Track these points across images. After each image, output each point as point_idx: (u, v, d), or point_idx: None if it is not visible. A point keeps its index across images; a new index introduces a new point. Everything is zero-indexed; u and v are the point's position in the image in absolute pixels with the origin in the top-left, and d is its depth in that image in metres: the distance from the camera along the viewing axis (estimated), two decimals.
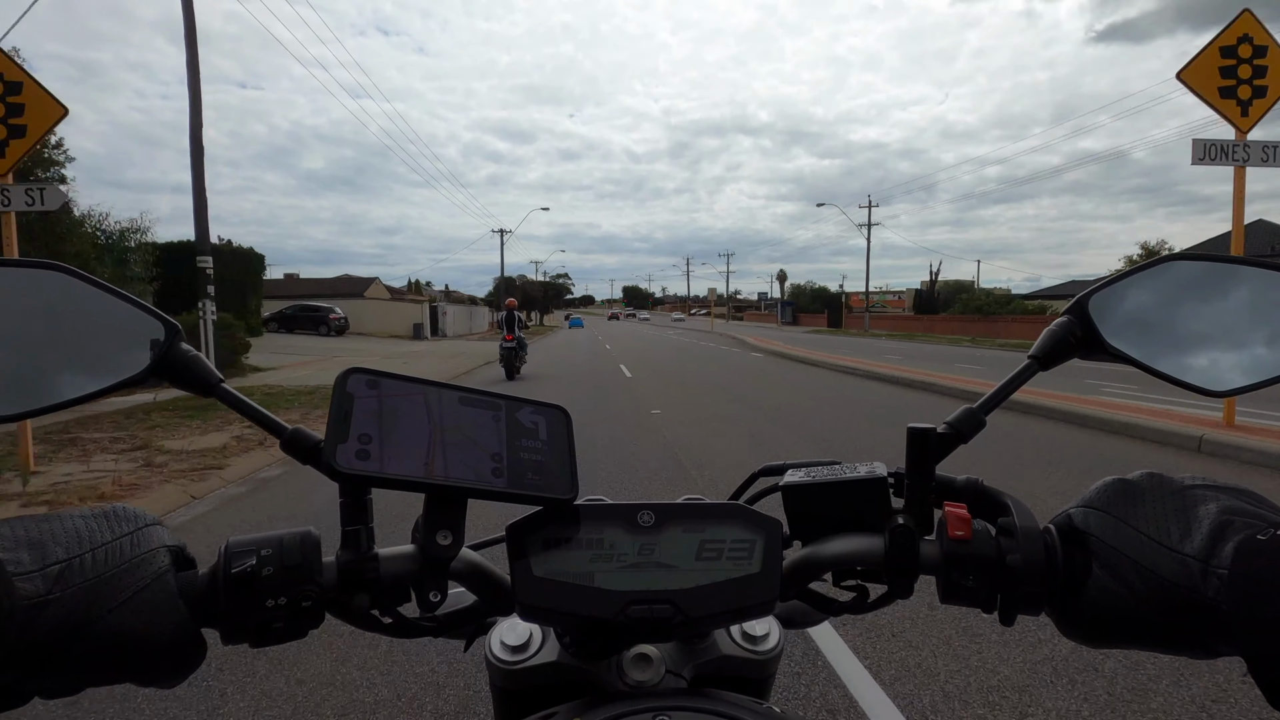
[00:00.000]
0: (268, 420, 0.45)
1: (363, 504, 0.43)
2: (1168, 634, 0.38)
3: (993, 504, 0.45)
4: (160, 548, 0.38)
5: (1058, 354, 0.48)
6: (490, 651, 0.52)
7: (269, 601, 0.39)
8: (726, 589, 0.44)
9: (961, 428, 0.46)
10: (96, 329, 0.43)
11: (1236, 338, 0.45)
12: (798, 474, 0.49)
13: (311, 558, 0.40)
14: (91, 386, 0.41)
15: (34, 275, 0.41)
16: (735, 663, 0.52)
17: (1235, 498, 0.38)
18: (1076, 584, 0.40)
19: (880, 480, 0.46)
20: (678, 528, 0.45)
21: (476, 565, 0.47)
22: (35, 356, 0.41)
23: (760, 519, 0.46)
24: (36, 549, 0.35)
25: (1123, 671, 2.37)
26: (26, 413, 0.40)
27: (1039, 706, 2.18)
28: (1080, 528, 0.41)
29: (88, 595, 0.35)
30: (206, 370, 0.44)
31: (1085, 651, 2.42)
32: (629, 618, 0.42)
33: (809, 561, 0.46)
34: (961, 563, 0.42)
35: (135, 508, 0.40)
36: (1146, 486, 0.41)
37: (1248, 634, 0.33)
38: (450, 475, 0.41)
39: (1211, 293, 0.46)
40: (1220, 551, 0.35)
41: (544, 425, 0.46)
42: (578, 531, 0.44)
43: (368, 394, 0.41)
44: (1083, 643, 0.41)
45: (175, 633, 0.37)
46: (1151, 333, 0.47)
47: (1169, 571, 0.37)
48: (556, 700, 0.47)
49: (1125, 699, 2.21)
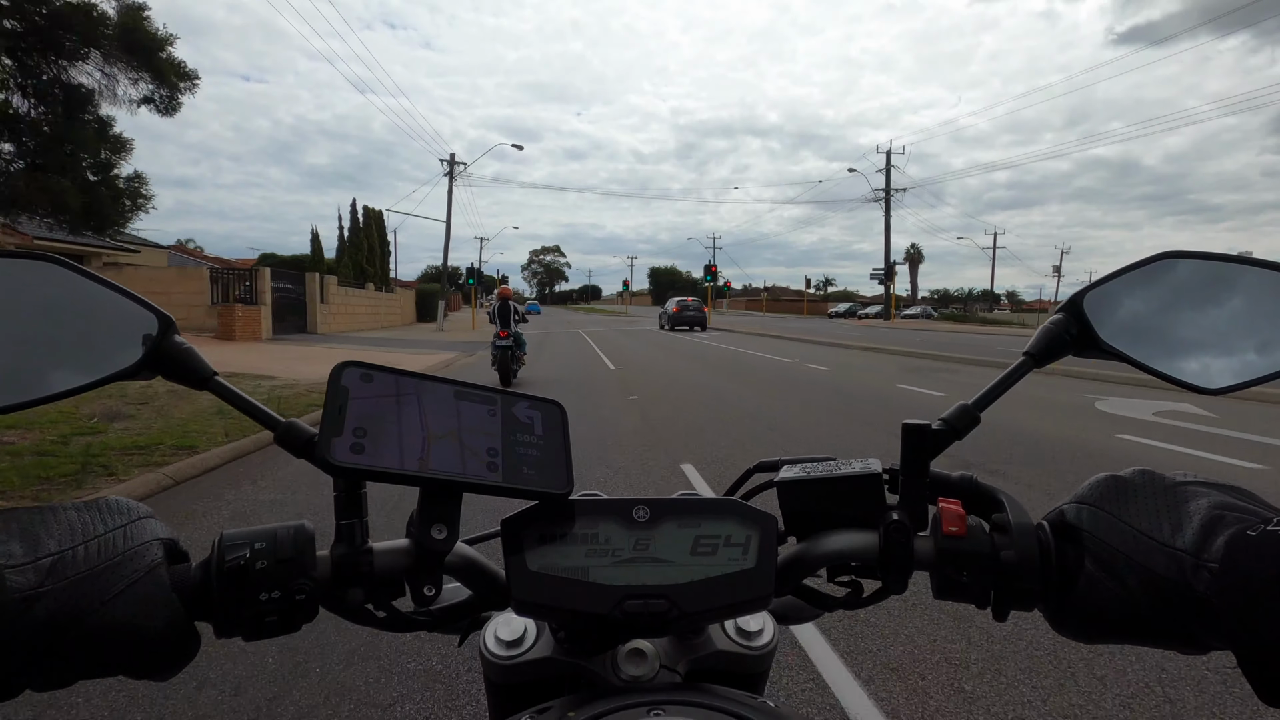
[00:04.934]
0: (261, 413, 0.44)
1: (357, 498, 0.43)
2: (1159, 628, 0.38)
3: (987, 500, 0.45)
4: (153, 540, 0.38)
5: (1052, 351, 0.48)
6: (485, 646, 0.52)
7: (262, 595, 0.39)
8: (721, 584, 0.44)
9: (956, 424, 0.46)
10: (89, 321, 0.42)
11: (1231, 336, 0.45)
12: (793, 470, 0.49)
13: (305, 551, 0.40)
14: (84, 379, 0.41)
15: (26, 267, 0.41)
16: (730, 658, 0.52)
17: (1226, 494, 0.39)
18: (1069, 579, 0.40)
19: (875, 476, 0.46)
20: (673, 523, 0.45)
21: (471, 560, 0.46)
22: (27, 349, 0.40)
23: (755, 514, 0.46)
24: (29, 541, 0.34)
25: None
26: (17, 405, 0.40)
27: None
28: (1073, 523, 0.41)
29: (80, 588, 0.34)
30: (200, 363, 0.44)
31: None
32: (624, 613, 0.43)
33: (804, 557, 0.46)
34: (956, 558, 0.42)
35: (128, 500, 0.40)
36: (1139, 483, 0.41)
37: (1237, 628, 0.33)
38: (445, 469, 0.41)
39: (1206, 290, 0.46)
40: (1211, 546, 0.36)
41: (539, 420, 0.46)
42: (573, 526, 0.44)
43: (362, 388, 0.41)
44: (1075, 638, 0.41)
45: (168, 626, 0.37)
46: (1146, 330, 0.47)
47: (1161, 566, 0.37)
48: (551, 695, 0.47)
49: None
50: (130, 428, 6.14)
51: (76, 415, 6.45)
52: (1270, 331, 0.45)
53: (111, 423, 6.30)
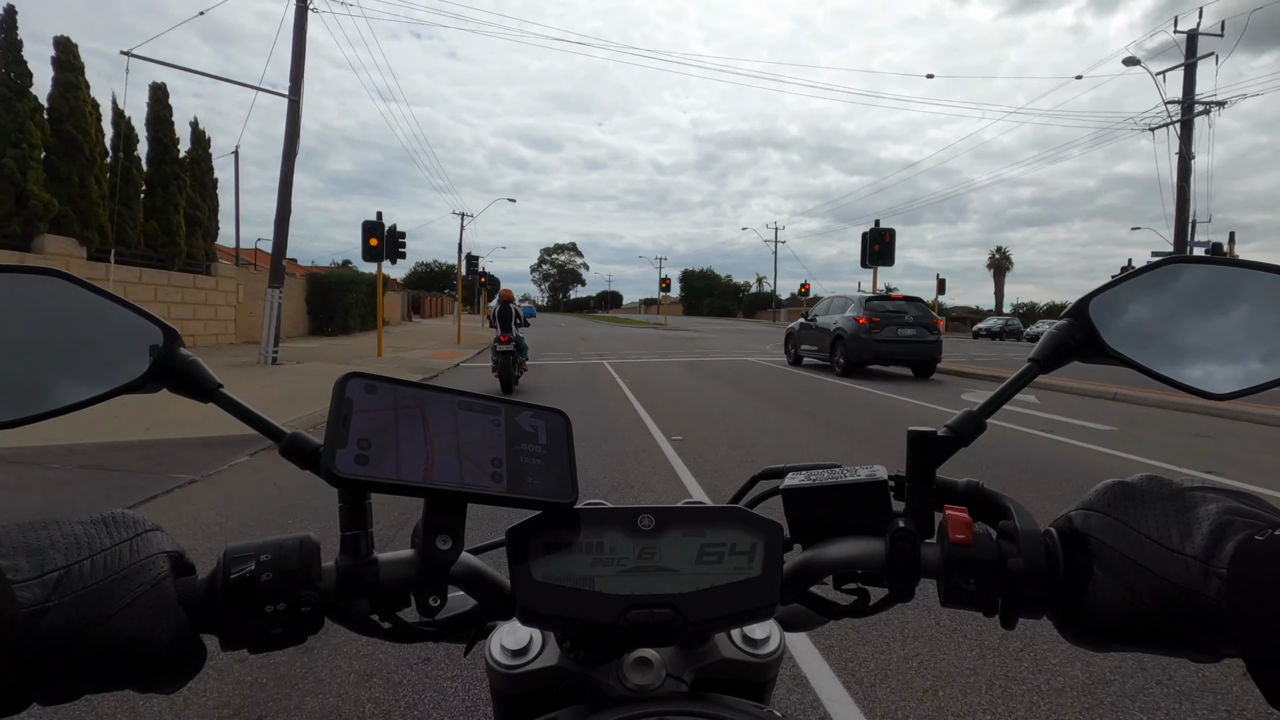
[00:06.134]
0: (266, 425, 0.45)
1: (362, 509, 0.43)
2: (1169, 636, 0.38)
3: (993, 507, 0.45)
4: (159, 553, 0.38)
5: (1058, 357, 0.47)
6: (490, 656, 0.52)
7: (268, 607, 0.39)
8: (727, 593, 0.44)
9: (962, 431, 0.46)
10: (95, 335, 0.43)
11: (1237, 340, 0.45)
12: (798, 477, 0.49)
13: (310, 563, 0.40)
14: (90, 393, 0.41)
15: (32, 281, 0.41)
16: (736, 666, 0.52)
17: (1234, 499, 0.38)
18: (1078, 587, 0.40)
19: (881, 484, 0.46)
20: (678, 531, 0.45)
21: (476, 570, 0.46)
22: (33, 363, 0.41)
23: (761, 522, 0.46)
24: (35, 556, 0.34)
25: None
26: (23, 419, 0.40)
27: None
28: (1081, 530, 0.41)
29: (87, 602, 0.34)
30: (205, 375, 0.44)
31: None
32: (629, 622, 0.42)
33: (810, 565, 0.46)
34: (963, 566, 0.42)
35: (135, 513, 0.40)
36: (1146, 489, 0.41)
37: (1246, 633, 0.33)
38: (450, 480, 0.41)
39: (1212, 295, 0.46)
40: (1220, 552, 0.35)
41: (543, 429, 0.46)
42: (578, 536, 0.44)
43: (367, 399, 0.41)
44: (1084, 646, 0.41)
45: (174, 639, 0.37)
46: (1152, 335, 0.46)
47: (1170, 572, 0.37)
48: (557, 705, 0.47)
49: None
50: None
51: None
52: (1276, 335, 0.44)
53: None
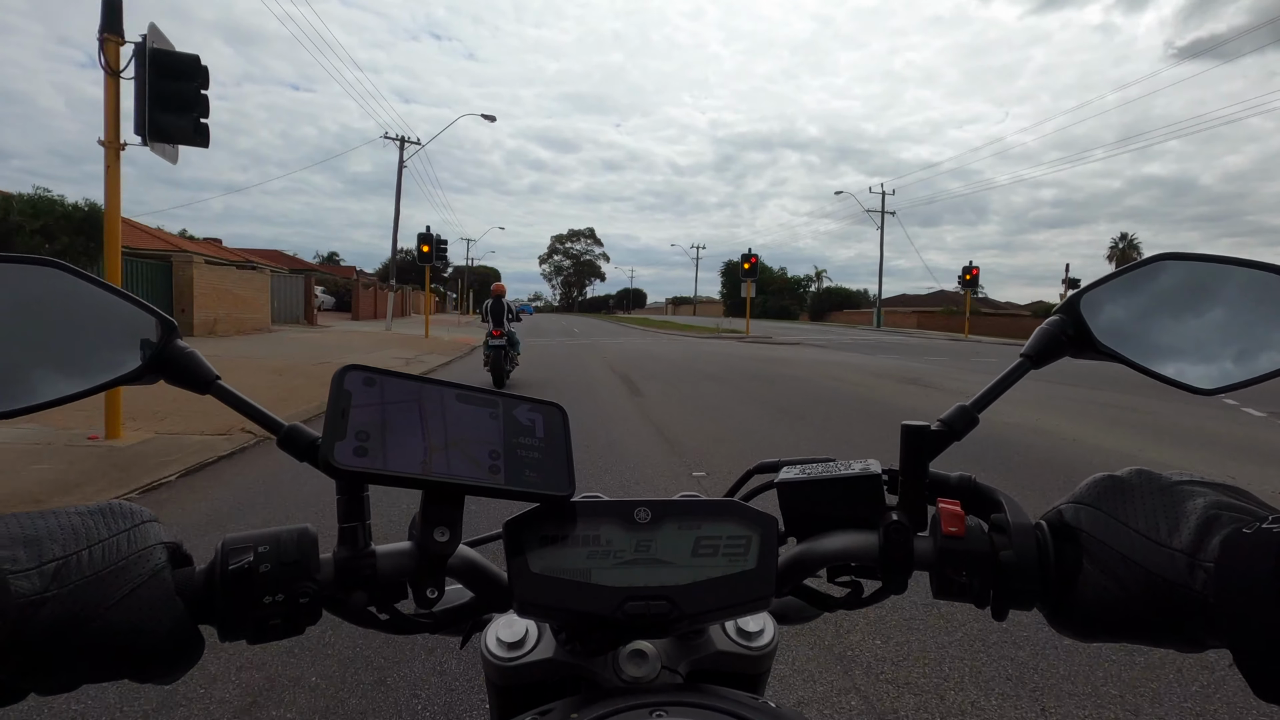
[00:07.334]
0: (264, 417, 0.45)
1: (360, 500, 0.43)
2: (1157, 627, 0.38)
3: (985, 500, 0.46)
4: (157, 544, 0.38)
5: (1049, 352, 0.48)
6: (487, 648, 0.52)
7: (266, 598, 0.39)
8: (722, 585, 0.44)
9: (955, 425, 0.46)
10: (92, 325, 0.42)
11: (1226, 336, 0.46)
12: (792, 471, 0.50)
13: (309, 554, 0.40)
14: (87, 384, 0.41)
15: (30, 271, 0.41)
16: (730, 658, 0.52)
17: (1222, 493, 0.39)
18: (1068, 579, 0.41)
19: (874, 477, 0.47)
20: (674, 524, 0.45)
21: (473, 562, 0.47)
22: (30, 353, 0.41)
23: (756, 515, 0.46)
24: (33, 546, 0.34)
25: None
26: (19, 410, 0.40)
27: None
28: (1071, 524, 0.42)
29: (84, 592, 0.34)
30: (203, 367, 0.44)
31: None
32: (625, 614, 0.43)
33: (804, 558, 0.47)
34: (955, 559, 0.42)
35: (132, 504, 0.40)
36: (1136, 483, 0.41)
37: (1232, 626, 0.34)
38: (447, 472, 0.41)
39: (1202, 292, 0.47)
40: (1207, 546, 0.36)
41: (541, 422, 0.46)
42: (574, 528, 0.45)
43: (365, 391, 0.41)
44: (1074, 637, 0.42)
45: (172, 629, 0.37)
46: (1142, 331, 0.47)
47: (1158, 566, 0.38)
48: (553, 696, 0.47)
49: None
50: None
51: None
52: (1264, 332, 0.45)
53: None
